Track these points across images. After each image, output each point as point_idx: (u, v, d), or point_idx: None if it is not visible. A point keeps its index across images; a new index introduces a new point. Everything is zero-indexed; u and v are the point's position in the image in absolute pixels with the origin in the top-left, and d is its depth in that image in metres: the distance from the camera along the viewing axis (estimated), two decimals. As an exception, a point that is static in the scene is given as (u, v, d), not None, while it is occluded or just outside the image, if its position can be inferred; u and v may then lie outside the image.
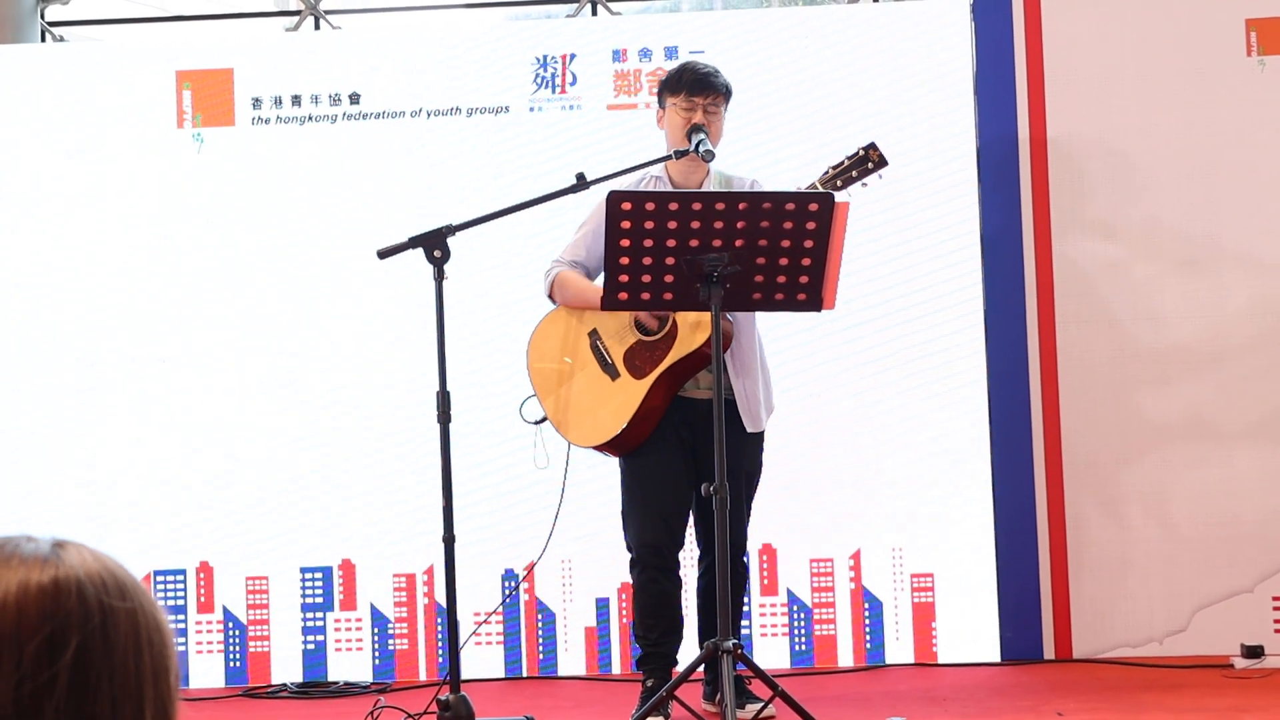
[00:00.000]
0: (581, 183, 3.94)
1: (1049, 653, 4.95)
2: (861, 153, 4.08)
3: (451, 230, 3.84)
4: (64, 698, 1.11)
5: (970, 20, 5.07)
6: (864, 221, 4.59)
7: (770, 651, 4.98)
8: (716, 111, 4.20)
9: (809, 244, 3.71)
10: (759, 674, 3.81)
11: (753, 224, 3.67)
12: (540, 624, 5.06)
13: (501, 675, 5.04)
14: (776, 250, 3.70)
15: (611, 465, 4.31)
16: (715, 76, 4.21)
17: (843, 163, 4.08)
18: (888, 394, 5.00)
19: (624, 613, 4.99)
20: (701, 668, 4.05)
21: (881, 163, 4.07)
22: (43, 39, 5.70)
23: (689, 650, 4.26)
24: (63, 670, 1.11)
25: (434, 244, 3.80)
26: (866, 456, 5.00)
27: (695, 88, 4.18)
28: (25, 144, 5.18)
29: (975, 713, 4.29)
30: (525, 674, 5.05)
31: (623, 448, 4.17)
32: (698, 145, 4.08)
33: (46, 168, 5.17)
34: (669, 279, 3.72)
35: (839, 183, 4.05)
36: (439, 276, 3.79)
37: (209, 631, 5.10)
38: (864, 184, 4.09)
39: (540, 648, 5.05)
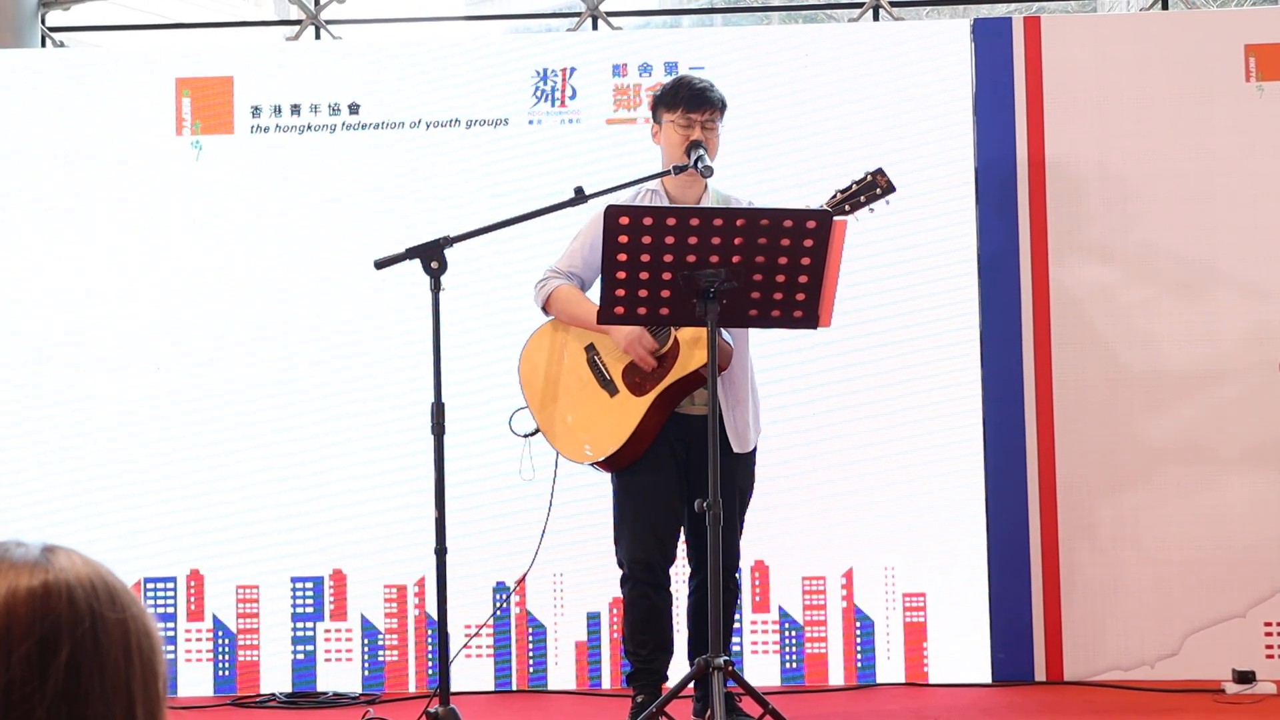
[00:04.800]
0: (580, 196, 3.94)
1: (1040, 674, 4.95)
2: (869, 178, 4.07)
3: (449, 242, 3.84)
4: (54, 701, 1.11)
5: (970, 41, 5.08)
6: (862, 240, 4.59)
7: (761, 669, 4.97)
8: (713, 127, 4.19)
9: (806, 261, 3.71)
10: (749, 691, 3.81)
11: (750, 240, 3.67)
12: (531, 637, 5.05)
13: (491, 688, 5.02)
14: (774, 267, 3.70)
15: (604, 479, 4.31)
16: (711, 91, 4.20)
17: (850, 187, 4.07)
18: (883, 413, 5.00)
19: (615, 627, 4.98)
20: (692, 684, 4.04)
21: (889, 188, 4.07)
22: (43, 44, 5.71)
23: (680, 667, 4.25)
24: (53, 674, 1.11)
25: (431, 255, 3.79)
26: (860, 475, 5.00)
27: (693, 104, 4.17)
28: (24, 148, 5.18)
29: (965, 734, 4.28)
30: (515, 687, 5.04)
31: (618, 464, 4.16)
32: (697, 161, 4.08)
33: (44, 172, 5.17)
34: (665, 294, 3.72)
35: (847, 207, 4.05)
36: (435, 288, 3.78)
37: (198, 640, 5.08)
38: (871, 209, 4.08)
39: (531, 661, 5.04)
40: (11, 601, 1.12)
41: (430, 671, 5.00)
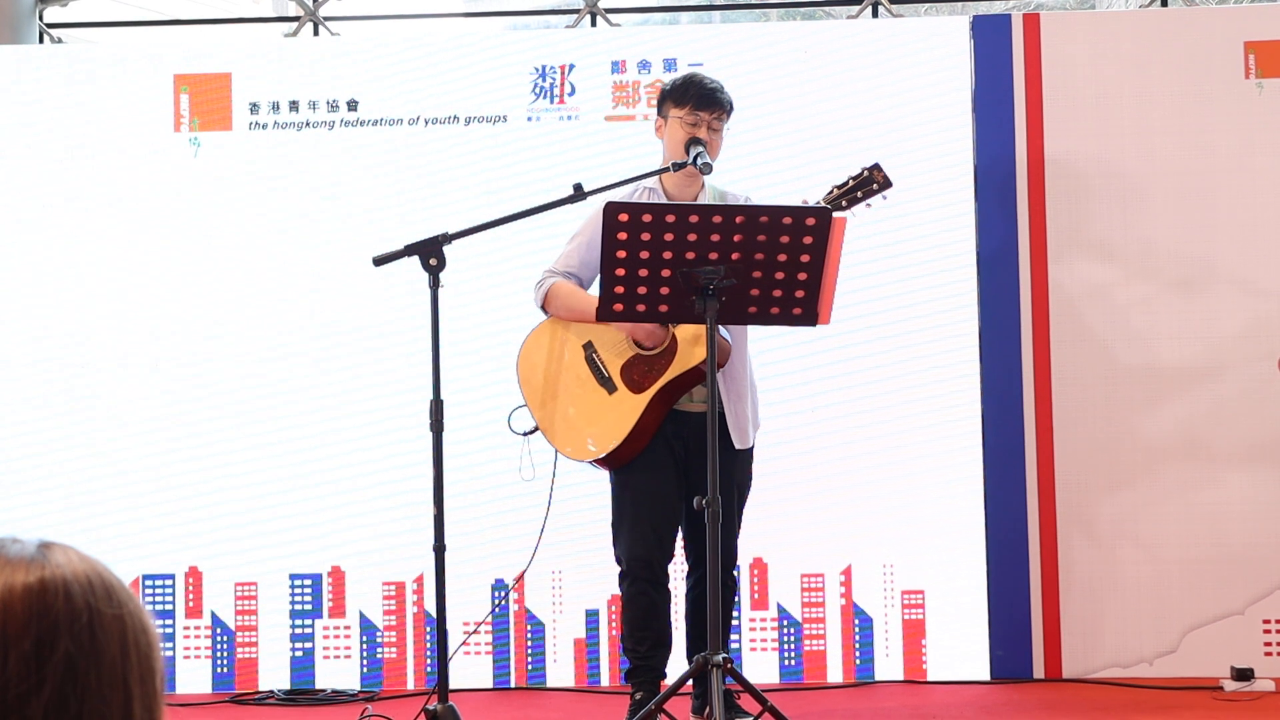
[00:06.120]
0: (578, 193, 3.93)
1: (1039, 672, 4.94)
2: (865, 173, 4.08)
3: (447, 239, 3.84)
4: (52, 698, 1.10)
5: (970, 39, 5.08)
6: (861, 237, 4.59)
7: (760, 666, 4.97)
8: (719, 128, 4.20)
9: (805, 258, 3.70)
10: (748, 689, 3.80)
11: (749, 237, 3.66)
12: (530, 635, 5.05)
13: (490, 685, 5.02)
14: (773, 264, 3.70)
15: (603, 477, 4.30)
16: (721, 92, 4.21)
17: (847, 183, 4.08)
18: (881, 410, 5.00)
19: (614, 625, 4.98)
20: (690, 681, 4.03)
21: (886, 184, 4.07)
22: (41, 41, 5.70)
23: (678, 664, 4.25)
24: (51, 671, 1.10)
25: (430, 252, 3.79)
26: (859, 472, 5.00)
27: (702, 102, 4.17)
28: (21, 145, 5.18)
29: (964, 731, 4.28)
30: (514, 685, 5.04)
31: (617, 461, 4.16)
32: (695, 158, 4.08)
33: (42, 169, 5.17)
34: (664, 291, 3.72)
35: (844, 203, 4.05)
36: (434, 285, 3.78)
37: (197, 637, 5.08)
38: (868, 205, 4.09)
39: (529, 658, 5.04)
40: (8, 598, 1.11)
41: (429, 669, 5.00)
